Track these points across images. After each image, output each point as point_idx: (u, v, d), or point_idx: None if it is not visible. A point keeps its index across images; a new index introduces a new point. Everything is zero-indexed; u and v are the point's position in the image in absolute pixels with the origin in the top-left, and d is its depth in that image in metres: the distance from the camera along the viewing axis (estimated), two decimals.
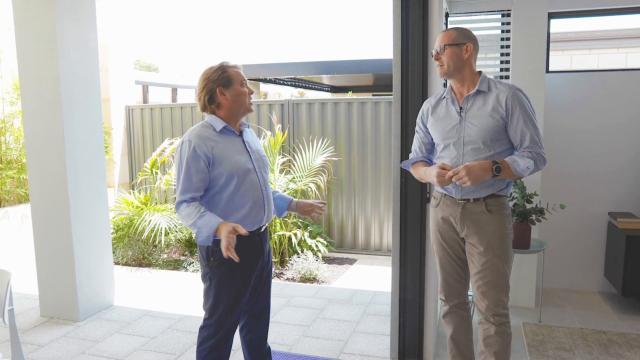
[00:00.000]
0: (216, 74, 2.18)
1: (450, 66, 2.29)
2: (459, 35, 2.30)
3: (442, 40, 2.31)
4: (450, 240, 2.43)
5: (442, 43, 2.30)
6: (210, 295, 2.22)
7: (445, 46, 2.29)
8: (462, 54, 2.28)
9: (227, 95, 2.19)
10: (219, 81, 2.18)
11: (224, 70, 2.19)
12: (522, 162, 2.18)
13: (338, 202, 5.84)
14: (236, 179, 2.15)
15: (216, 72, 2.18)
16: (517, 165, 2.18)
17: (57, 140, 3.62)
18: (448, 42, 2.29)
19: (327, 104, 5.84)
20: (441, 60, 2.31)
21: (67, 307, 3.79)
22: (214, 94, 2.19)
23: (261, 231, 2.29)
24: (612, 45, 7.45)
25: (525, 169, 2.18)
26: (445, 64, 2.30)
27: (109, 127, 6.61)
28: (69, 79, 3.64)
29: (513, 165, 2.18)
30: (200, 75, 2.24)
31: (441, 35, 2.34)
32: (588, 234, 4.20)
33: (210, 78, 2.19)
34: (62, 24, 3.56)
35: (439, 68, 2.35)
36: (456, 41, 2.28)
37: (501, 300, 2.30)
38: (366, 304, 4.10)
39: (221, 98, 2.19)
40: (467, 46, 2.29)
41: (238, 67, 2.26)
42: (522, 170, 2.18)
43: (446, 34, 2.32)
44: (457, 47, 2.28)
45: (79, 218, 3.74)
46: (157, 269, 5.23)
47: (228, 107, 2.21)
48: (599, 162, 4.13)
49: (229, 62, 2.25)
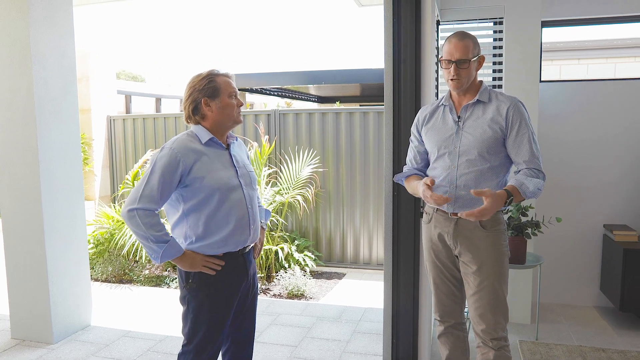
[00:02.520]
0: (202, 83, 2.02)
1: (469, 81, 2.15)
2: (475, 46, 2.14)
3: (463, 54, 2.10)
4: (444, 259, 2.29)
5: (463, 57, 2.10)
6: (189, 319, 2.05)
7: (469, 61, 2.10)
8: (477, 67, 2.16)
9: (212, 107, 2.03)
10: (205, 91, 2.01)
11: (211, 79, 2.02)
12: (531, 183, 2.01)
13: (326, 214, 5.68)
14: (218, 195, 1.99)
15: (202, 81, 2.02)
16: (527, 188, 2.01)
17: (31, 152, 3.43)
18: (470, 57, 2.10)
19: (315, 114, 5.71)
20: (460, 74, 2.12)
21: (40, 328, 3.57)
22: (198, 104, 2.03)
23: (245, 251, 2.13)
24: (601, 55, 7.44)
25: (536, 190, 2.01)
26: (465, 79, 2.13)
27: (89, 138, 6.40)
28: (44, 88, 3.46)
29: (522, 189, 2.01)
30: (187, 82, 2.08)
31: (461, 45, 2.10)
32: (583, 247, 4.10)
33: (196, 87, 2.02)
34: (36, 30, 3.38)
35: (454, 82, 2.14)
36: (475, 54, 2.13)
37: (499, 323, 2.15)
38: (356, 321, 3.94)
39: (206, 109, 2.03)
40: (481, 58, 2.17)
41: (229, 76, 2.09)
42: (532, 192, 2.01)
43: (464, 45, 2.10)
44: (475, 61, 2.14)
45: (53, 234, 3.54)
46: (138, 285, 5.02)
47: (213, 119, 2.05)
48: (593, 173, 4.04)
49: (219, 70, 2.08)
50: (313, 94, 12.59)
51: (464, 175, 2.15)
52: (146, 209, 1.91)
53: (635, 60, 7.81)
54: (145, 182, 1.93)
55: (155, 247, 1.92)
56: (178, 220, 2.04)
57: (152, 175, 1.93)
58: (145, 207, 1.91)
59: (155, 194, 1.91)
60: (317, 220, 5.71)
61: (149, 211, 1.91)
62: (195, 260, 1.99)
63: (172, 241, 1.95)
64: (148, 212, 1.91)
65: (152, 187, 1.92)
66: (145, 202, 1.91)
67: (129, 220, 1.91)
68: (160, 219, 1.95)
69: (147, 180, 1.93)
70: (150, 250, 1.94)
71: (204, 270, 1.99)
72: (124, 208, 1.94)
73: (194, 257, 1.99)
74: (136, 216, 1.90)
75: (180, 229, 2.04)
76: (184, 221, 2.02)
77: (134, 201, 1.91)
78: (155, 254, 1.93)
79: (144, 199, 1.91)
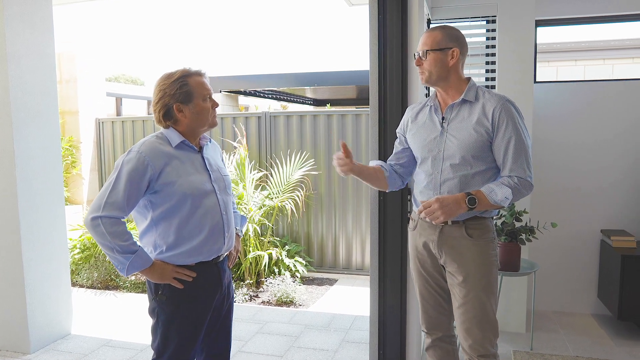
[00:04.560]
0: (173, 87, 1.86)
1: (433, 74, 1.99)
2: (444, 37, 1.98)
3: (424, 44, 2.00)
4: (429, 268, 2.16)
5: (424, 47, 1.99)
6: (158, 333, 1.93)
7: (428, 52, 1.98)
8: (447, 60, 1.98)
9: (185, 112, 1.88)
10: (177, 96, 1.86)
11: (183, 82, 1.86)
12: (500, 191, 1.89)
13: (318, 218, 5.56)
14: (190, 201, 1.86)
15: (174, 85, 1.86)
16: (495, 195, 1.89)
17: (7, 155, 3.31)
18: (431, 47, 1.98)
19: (306, 116, 5.58)
20: (423, 66, 2.01)
21: (16, 337, 3.43)
22: (170, 109, 1.88)
23: (219, 260, 2.00)
24: (598, 56, 7.32)
25: (503, 199, 1.89)
26: (427, 71, 2.00)
27: (77, 140, 6.28)
28: (21, 89, 3.34)
29: (490, 195, 1.90)
30: (156, 82, 1.92)
31: (424, 36, 2.02)
32: (580, 253, 3.97)
33: (167, 91, 1.87)
34: (12, 28, 3.27)
35: (420, 75, 2.05)
36: (440, 45, 1.97)
37: (487, 338, 2.01)
38: (345, 330, 3.81)
39: (179, 115, 1.89)
40: (453, 51, 1.99)
41: (202, 75, 1.93)
42: (500, 200, 1.89)
43: (429, 35, 2.00)
44: (441, 53, 1.97)
45: (31, 239, 3.41)
46: (124, 292, 4.88)
47: (187, 124, 1.91)
48: (590, 177, 3.91)
49: (191, 69, 1.91)
50: (309, 97, 12.47)
51: (448, 181, 2.02)
52: (111, 217, 1.77)
53: (634, 62, 7.70)
54: (111, 188, 1.80)
55: (121, 258, 1.78)
56: (147, 229, 1.91)
57: (117, 180, 1.80)
58: (110, 215, 1.77)
59: (121, 201, 1.78)
60: (309, 225, 5.58)
61: (114, 219, 1.78)
62: (165, 271, 1.86)
63: (139, 251, 1.82)
64: (113, 221, 1.78)
65: (118, 193, 1.78)
66: (110, 209, 1.77)
67: (92, 229, 1.77)
68: (126, 228, 1.82)
69: (113, 186, 1.80)
70: (116, 262, 1.81)
71: (172, 283, 1.87)
72: (87, 216, 1.80)
73: (164, 267, 1.86)
74: (100, 225, 1.76)
75: (149, 238, 1.91)
76: (153, 229, 1.89)
77: (98, 208, 1.78)
78: (121, 265, 1.80)
79: (108, 206, 1.77)
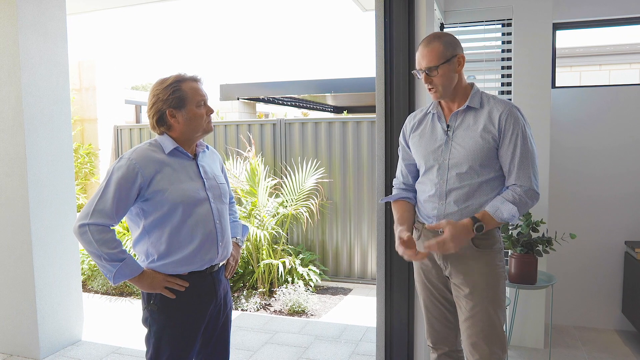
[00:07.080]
0: (166, 93, 1.83)
1: (447, 87, 1.92)
2: (445, 47, 1.89)
3: (429, 61, 1.90)
4: (434, 280, 2.07)
5: (430, 64, 1.89)
6: (151, 343, 1.88)
7: (437, 67, 1.88)
8: (456, 69, 1.91)
9: (178, 118, 1.85)
10: (169, 102, 1.83)
11: (176, 88, 1.84)
12: (506, 209, 1.83)
13: (332, 227, 5.48)
14: (181, 209, 1.81)
15: (167, 90, 1.83)
16: (501, 214, 1.83)
17: (19, 161, 3.34)
18: (438, 62, 1.88)
19: (321, 123, 5.53)
20: (433, 82, 1.92)
21: (26, 342, 3.45)
22: (163, 115, 1.85)
23: (214, 270, 1.95)
24: (624, 60, 7.05)
25: (510, 217, 1.83)
26: (440, 86, 1.91)
27: (95, 148, 6.36)
28: (34, 96, 3.38)
29: (496, 214, 1.83)
30: (150, 88, 1.91)
31: (424, 52, 1.92)
32: (602, 266, 3.80)
33: (159, 97, 1.84)
34: (26, 37, 3.31)
35: (432, 93, 1.96)
36: (447, 57, 1.89)
37: (495, 354, 1.91)
38: (356, 342, 3.72)
39: (172, 121, 1.86)
40: (459, 57, 1.92)
41: (197, 80, 1.89)
42: (507, 218, 1.83)
43: (430, 50, 1.90)
44: (449, 64, 1.89)
45: (42, 245, 3.43)
46: (138, 298, 4.88)
47: (180, 130, 1.87)
48: (613, 185, 3.74)
49: (186, 75, 1.89)
50: (329, 104, 12.41)
51: (455, 190, 1.94)
52: (99, 225, 1.74)
53: None
54: (100, 195, 1.77)
55: (108, 265, 1.75)
56: (139, 237, 1.87)
57: (106, 188, 1.77)
58: (97, 223, 1.74)
59: (109, 208, 1.75)
60: (324, 233, 5.51)
61: (101, 227, 1.75)
62: (155, 281, 1.82)
63: (127, 259, 1.78)
64: (101, 228, 1.75)
65: (106, 201, 1.75)
66: (98, 217, 1.74)
67: (80, 236, 1.75)
68: (115, 235, 1.79)
69: (102, 194, 1.77)
70: (104, 270, 1.77)
71: (163, 292, 1.83)
72: (75, 223, 1.77)
73: (154, 277, 1.82)
74: (88, 232, 1.73)
75: (142, 246, 1.87)
76: (145, 237, 1.85)
77: (86, 216, 1.75)
78: (109, 273, 1.77)
79: (96, 213, 1.75)
